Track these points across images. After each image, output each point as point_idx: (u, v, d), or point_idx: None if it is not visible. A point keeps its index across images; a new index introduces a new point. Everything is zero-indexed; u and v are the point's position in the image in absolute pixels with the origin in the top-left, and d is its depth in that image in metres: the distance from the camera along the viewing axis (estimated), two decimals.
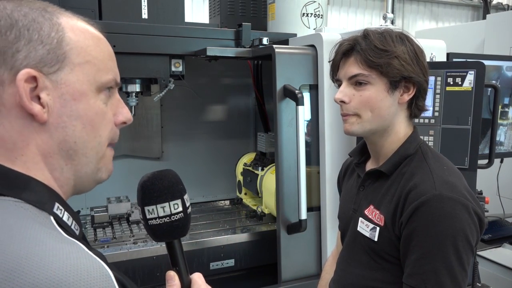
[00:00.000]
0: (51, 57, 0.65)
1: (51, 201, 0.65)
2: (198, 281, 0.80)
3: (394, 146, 1.16)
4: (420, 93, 1.13)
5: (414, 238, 1.03)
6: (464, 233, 1.00)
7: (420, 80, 1.11)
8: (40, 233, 0.57)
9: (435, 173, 1.07)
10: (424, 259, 1.01)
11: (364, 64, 1.10)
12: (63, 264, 0.53)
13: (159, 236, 0.78)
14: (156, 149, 2.56)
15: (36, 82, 0.64)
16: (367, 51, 1.09)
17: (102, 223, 2.04)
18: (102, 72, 0.71)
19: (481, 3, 10.34)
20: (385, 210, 1.12)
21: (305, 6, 2.25)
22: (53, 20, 0.66)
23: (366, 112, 1.12)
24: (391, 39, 1.10)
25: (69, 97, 0.66)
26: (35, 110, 0.63)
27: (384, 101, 1.11)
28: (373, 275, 1.16)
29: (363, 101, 1.12)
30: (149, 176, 0.77)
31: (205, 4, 7.22)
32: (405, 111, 1.16)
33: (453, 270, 0.99)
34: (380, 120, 1.13)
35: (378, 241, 1.12)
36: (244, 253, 2.05)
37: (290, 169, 1.84)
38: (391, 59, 1.08)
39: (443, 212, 1.00)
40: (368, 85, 1.11)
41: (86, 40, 0.69)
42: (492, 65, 2.24)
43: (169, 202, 0.76)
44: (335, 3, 9.20)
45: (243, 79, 2.72)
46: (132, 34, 1.90)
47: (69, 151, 0.68)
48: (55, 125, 0.66)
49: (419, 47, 1.14)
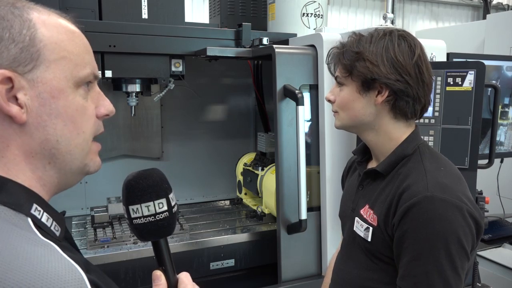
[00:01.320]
0: (25, 55, 0.62)
1: (28, 202, 0.63)
2: (184, 281, 0.79)
3: (390, 146, 1.16)
4: (398, 95, 1.09)
5: (405, 240, 1.02)
6: (456, 236, 0.98)
7: (390, 82, 1.07)
8: (12, 236, 0.56)
9: (429, 174, 1.05)
10: (415, 261, 1.00)
11: (340, 66, 1.15)
12: (33, 268, 0.52)
13: (144, 236, 0.78)
14: (156, 149, 2.56)
15: (12, 83, 0.62)
16: (342, 53, 1.13)
17: (102, 223, 2.04)
18: (79, 67, 0.68)
19: (481, 3, 10.34)
20: (378, 211, 1.11)
21: (305, 6, 2.25)
22: (24, 17, 0.64)
23: (341, 111, 1.18)
24: (369, 40, 1.10)
25: (47, 96, 0.64)
26: (13, 112, 0.62)
27: (356, 102, 1.13)
28: (370, 275, 1.15)
29: (339, 101, 1.17)
30: (134, 175, 0.76)
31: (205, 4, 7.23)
32: (388, 112, 1.13)
33: (445, 274, 0.98)
34: (355, 118, 1.16)
35: (372, 241, 1.12)
36: (244, 253, 2.05)
37: (290, 169, 1.84)
38: (356, 60, 1.09)
39: (434, 214, 0.99)
40: (343, 86, 1.16)
41: (59, 35, 0.67)
42: (492, 65, 2.24)
43: (153, 201, 0.75)
44: (335, 3, 9.19)
45: (243, 79, 2.72)
46: (132, 34, 1.90)
47: (52, 150, 0.67)
48: (35, 125, 0.64)
49: (407, 47, 1.09)
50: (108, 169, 2.36)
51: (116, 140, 2.45)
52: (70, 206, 2.29)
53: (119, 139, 2.47)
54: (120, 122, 2.45)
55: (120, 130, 2.46)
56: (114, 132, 2.45)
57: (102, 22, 1.90)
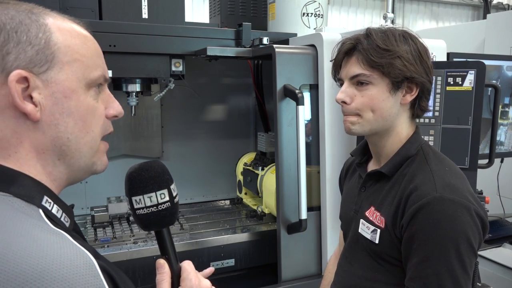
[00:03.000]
0: (40, 57, 0.67)
1: (39, 194, 0.67)
2: (187, 268, 0.82)
3: (395, 147, 1.15)
4: (423, 94, 1.11)
5: (415, 241, 1.02)
6: (466, 235, 0.98)
7: (423, 80, 1.09)
8: (26, 224, 0.60)
9: (436, 174, 1.06)
10: (425, 262, 1.00)
11: (366, 64, 1.08)
12: (46, 253, 0.55)
13: (147, 226, 0.80)
14: (156, 149, 2.56)
15: (28, 82, 0.66)
16: (369, 50, 1.07)
17: (102, 222, 2.04)
18: (90, 69, 0.73)
19: (481, 2, 10.34)
20: (386, 212, 1.11)
21: (305, 6, 2.24)
22: (40, 21, 0.68)
23: (367, 112, 1.11)
24: (394, 38, 1.08)
25: (60, 95, 0.68)
26: (28, 109, 0.66)
27: (386, 102, 1.09)
28: (375, 277, 1.15)
29: (365, 102, 1.10)
30: (136, 167, 0.80)
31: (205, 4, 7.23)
32: (407, 112, 1.14)
33: (455, 274, 0.98)
34: (381, 120, 1.11)
35: (379, 243, 1.11)
36: (244, 252, 2.05)
37: (290, 169, 1.84)
38: (393, 59, 1.05)
39: (444, 214, 0.99)
40: (369, 85, 1.09)
41: (73, 39, 0.71)
42: (492, 64, 2.24)
43: (155, 192, 0.78)
44: (335, 3, 9.19)
45: (243, 79, 2.71)
46: (132, 34, 1.90)
47: (62, 147, 0.70)
48: (48, 122, 0.68)
49: (423, 46, 1.12)
50: (108, 169, 2.31)
51: (116, 139, 2.45)
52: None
53: (119, 138, 2.47)
54: (120, 122, 2.45)
55: (120, 129, 2.46)
56: (114, 132, 2.42)
57: (102, 21, 1.91)
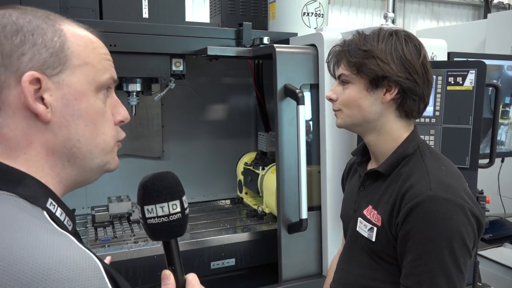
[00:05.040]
0: (54, 59, 0.69)
1: (44, 197, 0.68)
2: (192, 281, 0.82)
3: (391, 146, 1.16)
4: (406, 93, 1.10)
5: (409, 239, 1.03)
6: (460, 234, 0.99)
7: (400, 80, 1.08)
8: (32, 225, 0.60)
9: (431, 173, 1.06)
10: (419, 260, 1.01)
11: (346, 64, 1.14)
12: (52, 254, 0.55)
13: (157, 235, 0.80)
14: (156, 149, 2.56)
15: (40, 84, 0.67)
16: (349, 51, 1.13)
17: (103, 222, 2.04)
18: (100, 72, 0.75)
19: (482, 2, 10.33)
20: (382, 211, 1.12)
21: (306, 6, 2.24)
22: (56, 27, 0.71)
23: (347, 109, 1.17)
24: (376, 38, 1.10)
25: (71, 97, 0.70)
26: (39, 110, 0.67)
27: (363, 100, 1.13)
28: (373, 275, 1.16)
29: (345, 99, 1.16)
30: (150, 176, 0.80)
31: (206, 4, 7.23)
32: (394, 111, 1.14)
33: (449, 272, 0.99)
34: (360, 117, 1.15)
35: (376, 242, 1.12)
36: (244, 252, 2.05)
37: (291, 169, 1.84)
38: (367, 58, 1.09)
39: (438, 213, 1.00)
40: (349, 84, 1.15)
41: (85, 44, 0.74)
42: (493, 64, 2.24)
43: (168, 202, 0.78)
44: (336, 3, 9.19)
45: (244, 78, 2.71)
46: (132, 33, 1.90)
47: (73, 149, 0.71)
48: (59, 124, 0.69)
49: (414, 46, 1.11)
50: None
51: None
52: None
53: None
54: None
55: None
56: None
57: (103, 21, 1.90)
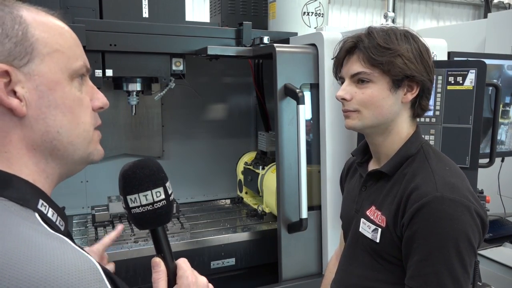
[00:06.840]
0: (19, 49, 0.65)
1: (34, 198, 0.65)
2: (183, 266, 0.80)
3: (395, 146, 1.15)
4: (424, 93, 1.12)
5: (416, 240, 1.02)
6: (466, 235, 0.99)
7: (424, 79, 1.09)
8: (26, 229, 0.58)
9: (436, 174, 1.06)
10: (426, 261, 1.01)
11: (367, 62, 1.09)
12: (50, 259, 0.54)
13: (143, 224, 0.79)
14: (156, 148, 2.56)
15: (10, 76, 0.64)
16: (370, 49, 1.08)
17: (103, 222, 2.04)
18: (72, 59, 0.71)
19: (482, 2, 10.33)
20: (386, 212, 1.11)
21: (306, 5, 2.24)
22: (14, 13, 0.66)
23: (367, 110, 1.12)
24: (395, 37, 1.09)
25: (44, 88, 0.66)
26: (13, 104, 0.63)
27: (386, 100, 1.10)
28: (375, 276, 1.15)
29: (365, 99, 1.11)
30: (130, 165, 0.77)
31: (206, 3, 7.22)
32: (408, 111, 1.15)
33: (455, 272, 0.99)
34: (381, 118, 1.12)
35: (380, 242, 1.12)
36: (244, 252, 2.05)
37: (291, 168, 1.84)
38: (394, 57, 1.06)
39: (444, 214, 0.99)
40: (370, 83, 1.10)
41: (50, 30, 0.69)
42: (493, 64, 2.24)
43: (151, 190, 0.76)
44: (336, 2, 9.19)
45: (244, 78, 2.71)
46: (132, 33, 1.89)
47: (53, 142, 0.68)
48: (35, 117, 0.66)
49: (425, 45, 1.12)
50: (109, 168, 2.36)
51: (116, 139, 2.45)
52: (71, 205, 2.29)
53: (119, 138, 2.47)
54: (121, 121, 2.45)
55: (120, 129, 2.46)
56: (115, 131, 2.45)
57: (103, 21, 1.90)
